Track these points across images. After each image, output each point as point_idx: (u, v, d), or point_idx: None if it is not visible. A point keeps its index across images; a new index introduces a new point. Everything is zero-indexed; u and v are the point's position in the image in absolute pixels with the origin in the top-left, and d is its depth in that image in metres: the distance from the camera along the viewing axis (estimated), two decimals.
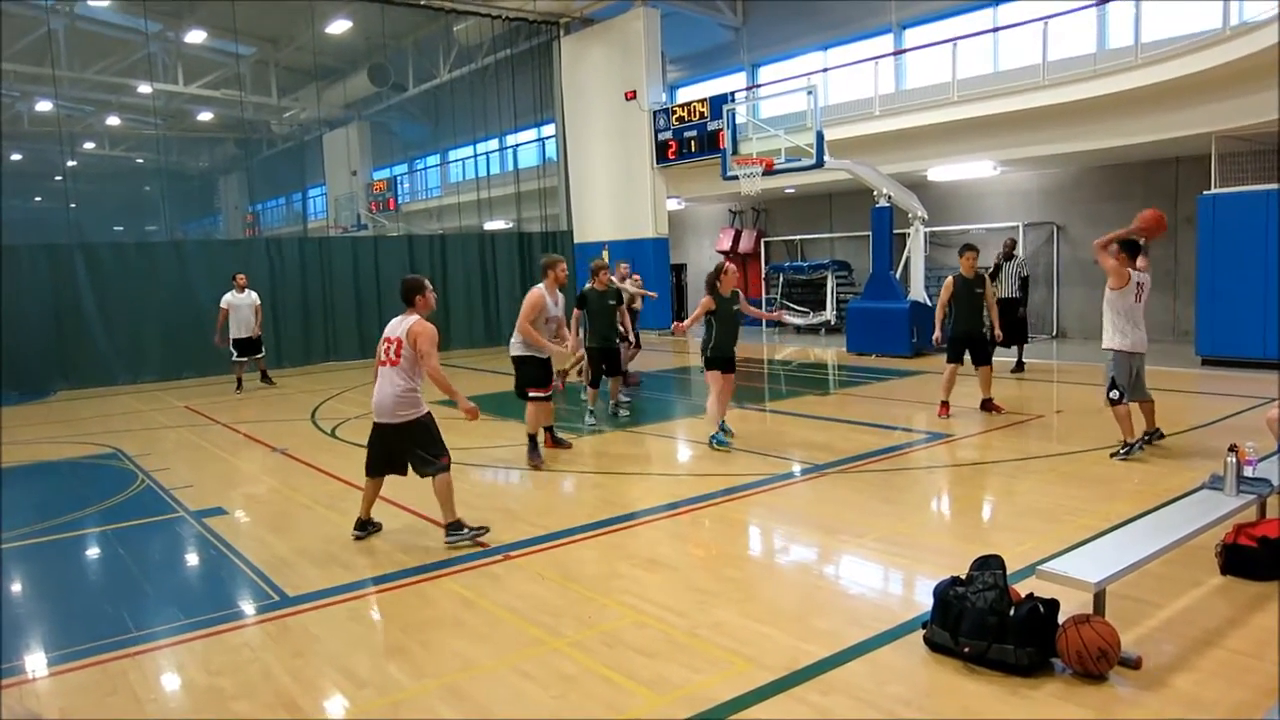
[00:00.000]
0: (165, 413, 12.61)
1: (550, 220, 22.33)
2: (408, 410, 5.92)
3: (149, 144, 34.15)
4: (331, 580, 5.44)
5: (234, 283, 14.07)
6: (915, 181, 16.53)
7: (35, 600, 5.60)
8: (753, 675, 3.96)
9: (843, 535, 5.93)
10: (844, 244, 20.90)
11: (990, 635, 3.88)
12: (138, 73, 25.57)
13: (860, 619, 4.55)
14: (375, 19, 20.77)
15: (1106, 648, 3.76)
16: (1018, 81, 14.71)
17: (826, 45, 19.75)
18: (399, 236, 22.10)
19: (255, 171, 35.57)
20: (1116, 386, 7.44)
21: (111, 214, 36.32)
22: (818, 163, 14.61)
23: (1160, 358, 13.53)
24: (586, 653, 4.27)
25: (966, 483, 7.45)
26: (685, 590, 5.03)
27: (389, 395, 5.90)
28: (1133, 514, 5.79)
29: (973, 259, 9.76)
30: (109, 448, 10.07)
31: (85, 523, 7.15)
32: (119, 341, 15.80)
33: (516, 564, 5.60)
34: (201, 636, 4.68)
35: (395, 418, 5.92)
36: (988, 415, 9.72)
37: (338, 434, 10.38)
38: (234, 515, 7.15)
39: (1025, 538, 5.64)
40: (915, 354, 14.64)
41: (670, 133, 19.47)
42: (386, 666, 4.26)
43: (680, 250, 23.99)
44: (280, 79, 28.48)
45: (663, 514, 6.60)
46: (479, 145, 24.95)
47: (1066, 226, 16.98)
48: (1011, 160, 15.63)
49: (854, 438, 9.03)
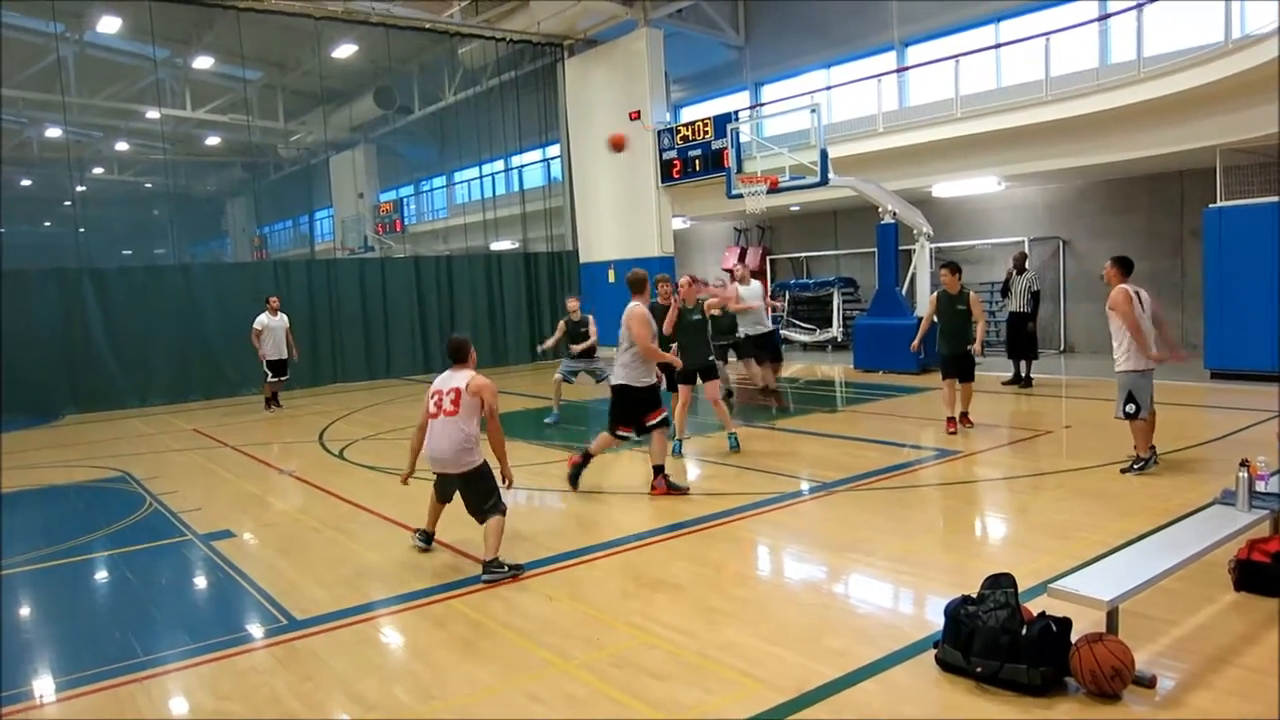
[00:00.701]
0: (173, 436, 12.64)
1: (556, 240, 22.41)
2: (470, 457, 5.93)
3: (157, 168, 34.36)
4: (340, 603, 5.43)
5: (267, 305, 14.35)
6: (920, 197, 16.55)
7: (44, 625, 5.59)
8: (764, 696, 3.93)
9: (852, 554, 5.90)
10: (849, 261, 20.90)
11: (1002, 655, 3.85)
12: (146, 98, 25.78)
13: (871, 638, 4.52)
14: (380, 43, 20.93)
15: (1120, 666, 3.73)
16: (1021, 97, 14.73)
17: (829, 63, 19.84)
18: (406, 258, 22.17)
19: (262, 194, 35.80)
20: (1134, 400, 7.38)
21: (120, 238, 36.61)
22: (822, 180, 14.64)
23: (1168, 372, 13.44)
24: (596, 675, 4.25)
25: (976, 500, 7.41)
26: (695, 610, 5.01)
27: (452, 445, 5.87)
28: (1144, 530, 5.76)
29: (952, 275, 9.88)
30: (117, 471, 10.09)
31: (94, 546, 7.15)
32: (127, 365, 15.86)
33: (525, 585, 5.59)
34: (210, 661, 4.67)
35: (461, 466, 5.92)
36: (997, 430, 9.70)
37: (345, 455, 10.38)
38: (242, 538, 7.14)
39: (1036, 555, 5.61)
40: (922, 370, 14.60)
41: (675, 152, 19.54)
42: (395, 690, 4.24)
43: (686, 269, 23.99)
44: (287, 103, 28.70)
45: (671, 533, 6.58)
46: (485, 166, 25.05)
47: (1072, 241, 16.96)
48: (1016, 175, 15.64)
49: (862, 455, 9.00)
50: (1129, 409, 7.41)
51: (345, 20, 18.96)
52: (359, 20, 18.97)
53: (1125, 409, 7.43)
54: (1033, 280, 13.13)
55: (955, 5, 17.23)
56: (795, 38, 20.33)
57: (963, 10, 17.16)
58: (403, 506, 7.69)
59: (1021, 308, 13.06)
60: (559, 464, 9.20)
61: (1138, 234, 15.80)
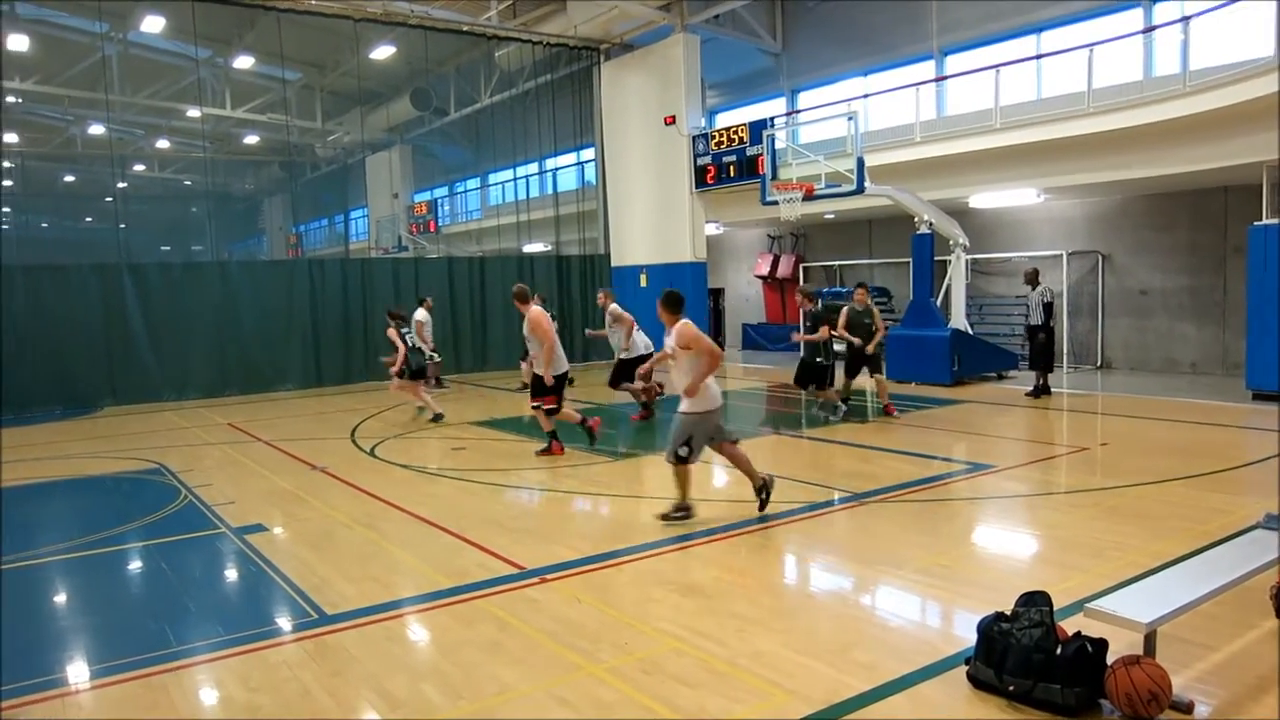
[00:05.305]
0: (208, 429, 12.80)
1: (588, 244, 22.45)
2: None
3: (197, 166, 34.94)
4: (369, 599, 5.47)
5: (423, 304, 15.87)
6: (957, 208, 16.41)
7: (81, 613, 5.68)
8: (793, 707, 3.90)
9: (882, 566, 5.85)
10: (884, 270, 20.77)
11: (1036, 673, 3.80)
12: (187, 97, 26.23)
13: (901, 652, 4.48)
14: (418, 45, 21.09)
15: (1157, 690, 3.66)
16: (1062, 109, 14.55)
17: (867, 71, 19.73)
18: (439, 258, 22.32)
19: (299, 193, 36.24)
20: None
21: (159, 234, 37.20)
22: (858, 189, 14.55)
23: (1209, 391, 13.29)
24: (625, 680, 4.24)
25: (1008, 515, 7.32)
26: (723, 618, 4.98)
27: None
28: (1180, 552, 5.65)
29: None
30: (153, 463, 10.23)
31: (129, 537, 7.26)
32: (165, 359, 16.09)
33: (553, 587, 5.59)
34: (241, 653, 4.72)
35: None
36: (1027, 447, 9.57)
37: (377, 453, 10.46)
38: (274, 532, 7.22)
39: (1069, 573, 5.53)
40: (956, 382, 14.48)
41: (709, 157, 19.52)
42: (423, 688, 4.25)
43: (718, 275, 23.99)
44: (325, 103, 29.04)
45: (699, 540, 6.56)
46: (519, 169, 25.18)
47: (1112, 255, 16.73)
48: (1055, 188, 15.46)
49: (893, 467, 8.93)
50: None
51: (384, 22, 19.13)
52: (397, 22, 19.13)
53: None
54: (1045, 293, 13.18)
55: (996, 15, 17.07)
56: (833, 45, 20.25)
57: (1004, 20, 17.00)
58: (432, 505, 7.75)
59: (1035, 320, 13.11)
60: (586, 466, 9.23)
61: (1179, 249, 15.56)
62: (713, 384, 6.84)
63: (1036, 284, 13.29)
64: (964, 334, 15.08)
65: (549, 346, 9.24)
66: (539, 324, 9.28)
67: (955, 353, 14.59)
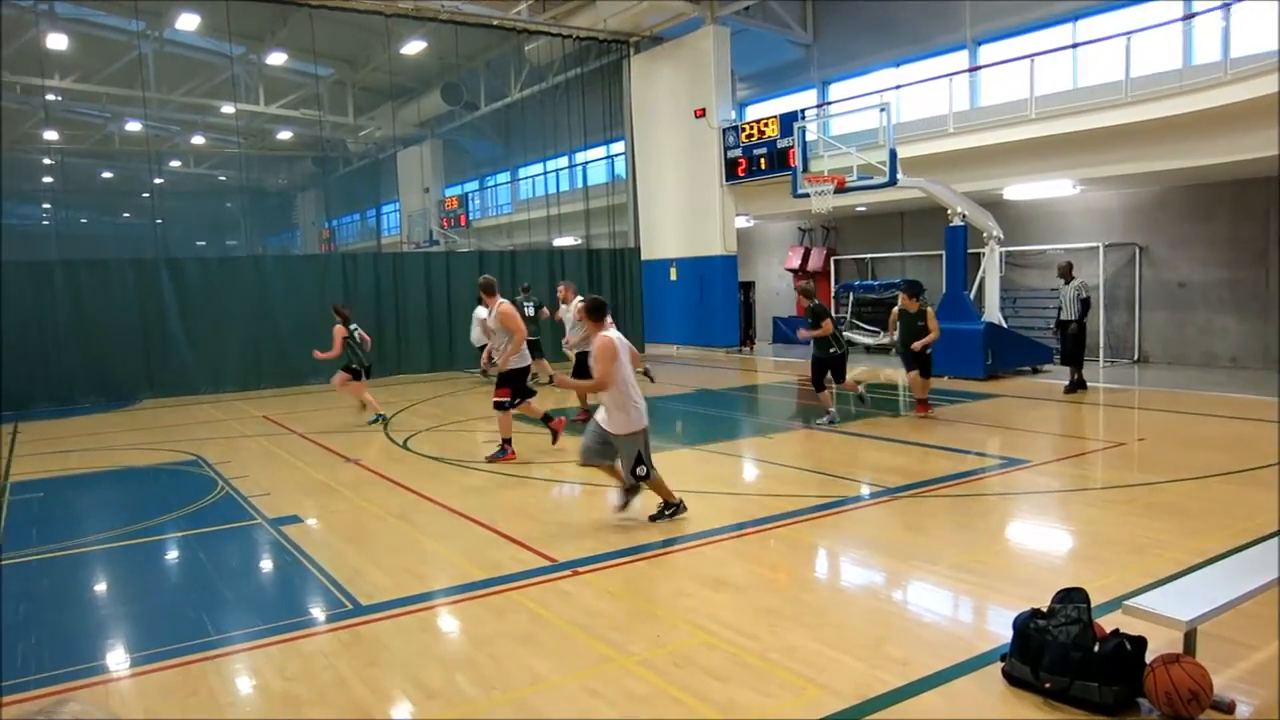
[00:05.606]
0: (244, 422, 12.98)
1: (619, 237, 22.47)
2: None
3: (231, 162, 35.40)
4: (403, 590, 5.52)
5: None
6: (991, 200, 16.21)
7: (121, 602, 5.79)
8: (825, 702, 3.89)
9: (915, 561, 5.81)
10: (916, 263, 20.57)
11: (1073, 671, 3.76)
12: (222, 94, 26.57)
13: (935, 648, 4.45)
14: (449, 39, 21.20)
15: (1198, 689, 3.60)
16: (1099, 98, 14.32)
17: (899, 62, 19.53)
18: (470, 252, 22.44)
19: (332, 188, 36.59)
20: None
21: (195, 229, 37.76)
22: (890, 181, 14.41)
23: (1250, 385, 13.04)
24: (657, 672, 4.25)
25: (1043, 511, 7.23)
26: (755, 612, 4.97)
27: None
28: (1220, 549, 5.56)
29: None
30: (191, 455, 10.40)
31: (167, 527, 7.38)
32: (201, 352, 16.33)
33: (585, 580, 5.61)
34: (278, 642, 4.78)
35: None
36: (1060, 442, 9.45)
37: (409, 446, 10.55)
38: (309, 523, 7.30)
39: (1107, 570, 5.45)
40: (989, 376, 14.32)
41: (740, 150, 19.45)
42: (457, 679, 4.29)
43: (749, 268, 23.90)
44: (357, 99, 29.27)
45: (730, 534, 6.55)
46: (549, 162, 25.24)
47: (1149, 248, 16.46)
48: (1092, 179, 15.22)
49: (926, 461, 8.86)
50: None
51: (415, 17, 19.25)
52: (428, 17, 19.24)
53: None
54: (1080, 288, 12.90)
55: (1031, 4, 16.82)
56: (864, 36, 20.06)
57: (1039, 8, 16.74)
58: (464, 498, 7.80)
59: (1070, 315, 12.87)
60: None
61: (1219, 241, 15.26)
62: (640, 403, 6.73)
63: (1070, 278, 13.02)
64: (998, 327, 14.91)
65: (520, 339, 9.42)
66: (511, 316, 9.44)
67: (989, 346, 14.43)
